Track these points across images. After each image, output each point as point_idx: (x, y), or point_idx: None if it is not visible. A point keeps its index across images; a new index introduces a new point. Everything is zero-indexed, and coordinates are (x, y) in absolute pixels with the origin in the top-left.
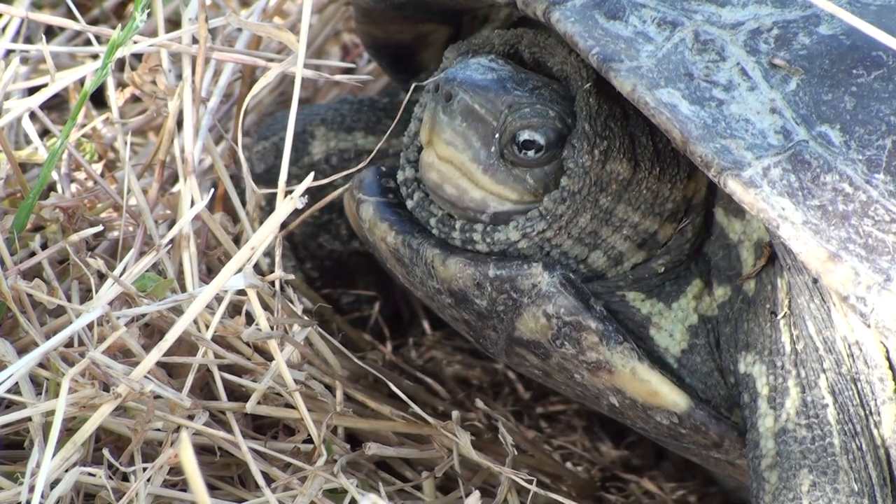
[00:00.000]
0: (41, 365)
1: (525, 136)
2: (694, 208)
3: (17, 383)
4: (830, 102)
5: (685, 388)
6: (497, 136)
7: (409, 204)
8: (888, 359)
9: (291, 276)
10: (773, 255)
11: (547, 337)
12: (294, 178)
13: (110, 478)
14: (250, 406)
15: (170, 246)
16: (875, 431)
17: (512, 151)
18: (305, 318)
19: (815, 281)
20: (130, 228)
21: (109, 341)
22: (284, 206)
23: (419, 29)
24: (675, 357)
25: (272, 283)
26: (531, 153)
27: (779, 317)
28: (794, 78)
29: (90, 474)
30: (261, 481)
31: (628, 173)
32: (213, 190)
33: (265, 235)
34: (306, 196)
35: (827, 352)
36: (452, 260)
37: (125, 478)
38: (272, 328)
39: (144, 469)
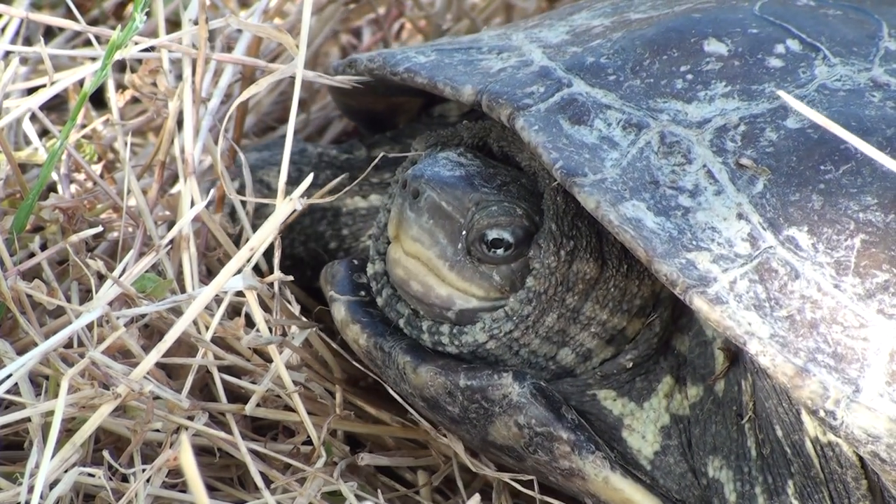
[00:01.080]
0: (41, 365)
1: (493, 234)
2: (662, 302)
3: (16, 384)
4: (798, 203)
5: (659, 491)
6: (464, 233)
7: (379, 301)
8: (861, 459)
9: (290, 278)
10: (737, 355)
11: (520, 444)
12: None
13: (110, 478)
14: (249, 408)
15: (169, 247)
16: None
17: (479, 249)
18: (304, 319)
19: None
20: (130, 229)
21: (109, 341)
22: (283, 208)
23: (391, 101)
24: (649, 459)
25: (271, 285)
26: (499, 251)
27: (744, 420)
28: (762, 178)
29: (90, 475)
30: (260, 483)
31: (595, 272)
32: (212, 190)
33: (264, 237)
34: (305, 197)
35: (795, 455)
36: (424, 368)
37: (125, 478)
38: (271, 330)
39: (144, 470)
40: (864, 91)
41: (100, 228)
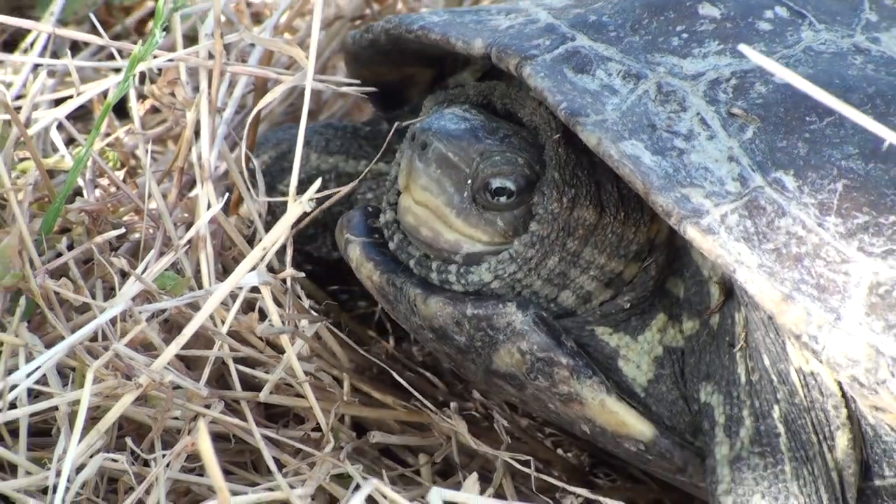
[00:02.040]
0: (67, 357)
1: (497, 182)
2: (657, 247)
3: (45, 375)
4: (785, 149)
5: (652, 417)
6: (469, 181)
7: (391, 245)
8: (841, 388)
9: (301, 274)
10: (731, 290)
11: (522, 371)
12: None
13: (132, 463)
14: (263, 395)
15: (188, 247)
16: (829, 456)
17: (484, 197)
18: (315, 313)
19: (771, 318)
20: (151, 230)
21: (132, 334)
22: (294, 210)
23: (404, 71)
24: (643, 387)
25: (283, 281)
26: (503, 199)
27: (736, 349)
28: (751, 126)
29: (113, 460)
30: (273, 467)
31: (594, 219)
32: (227, 194)
33: (277, 236)
34: (314, 201)
35: (781, 383)
36: (433, 299)
37: (146, 463)
38: (284, 323)
39: (164, 455)
40: (847, 54)
41: (122, 230)
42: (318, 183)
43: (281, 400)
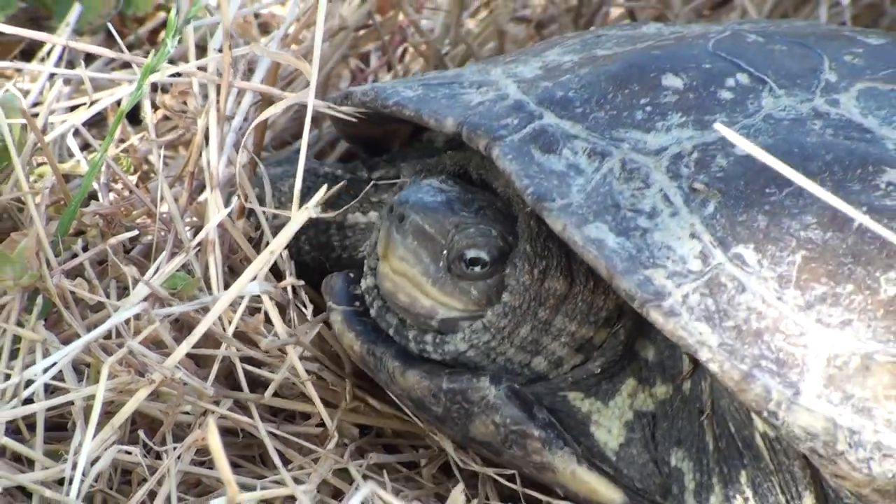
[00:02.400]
0: (83, 354)
1: (471, 253)
2: (626, 313)
3: (61, 371)
4: (745, 222)
5: (623, 480)
6: (445, 252)
7: (372, 312)
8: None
9: (302, 283)
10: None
11: (497, 440)
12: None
13: (145, 456)
14: (267, 396)
15: (198, 249)
16: None
17: (459, 267)
18: (314, 317)
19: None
20: (163, 233)
21: (146, 333)
22: (299, 217)
23: (385, 128)
24: (614, 451)
25: (285, 289)
26: (477, 269)
27: (703, 416)
28: (712, 201)
29: (127, 453)
30: (278, 463)
31: (565, 289)
32: (236, 199)
33: (282, 242)
34: (319, 207)
35: (746, 448)
36: (411, 372)
37: (158, 456)
38: (289, 324)
39: (175, 448)
40: (807, 120)
41: (135, 232)
42: (322, 190)
43: (283, 404)
